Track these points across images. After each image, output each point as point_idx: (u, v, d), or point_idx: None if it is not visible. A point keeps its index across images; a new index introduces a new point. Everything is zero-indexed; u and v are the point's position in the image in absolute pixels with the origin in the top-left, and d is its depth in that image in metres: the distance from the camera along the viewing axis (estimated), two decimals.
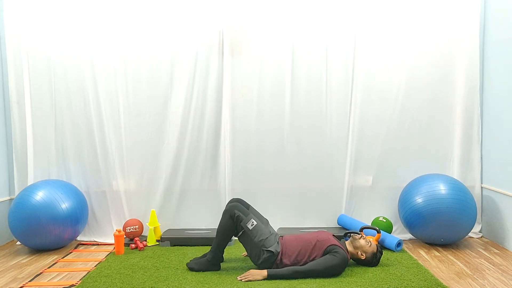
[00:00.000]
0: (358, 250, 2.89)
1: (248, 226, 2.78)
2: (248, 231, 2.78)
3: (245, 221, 2.79)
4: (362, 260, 2.89)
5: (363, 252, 2.88)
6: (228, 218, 2.83)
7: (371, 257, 2.88)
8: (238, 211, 2.82)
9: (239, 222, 2.79)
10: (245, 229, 2.78)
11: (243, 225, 2.78)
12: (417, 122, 3.73)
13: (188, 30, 3.68)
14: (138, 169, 3.77)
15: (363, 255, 2.88)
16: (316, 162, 3.75)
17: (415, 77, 3.70)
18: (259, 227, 2.80)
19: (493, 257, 3.16)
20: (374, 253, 2.89)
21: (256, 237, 2.77)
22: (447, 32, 3.67)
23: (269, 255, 2.75)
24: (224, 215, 2.86)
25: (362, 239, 2.90)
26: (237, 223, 2.80)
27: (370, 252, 2.88)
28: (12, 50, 3.68)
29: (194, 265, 2.91)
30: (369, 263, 2.90)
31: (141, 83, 3.72)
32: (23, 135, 3.72)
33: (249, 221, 2.79)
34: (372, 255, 2.88)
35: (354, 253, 2.90)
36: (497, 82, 3.52)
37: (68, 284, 2.73)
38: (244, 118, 3.74)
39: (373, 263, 2.90)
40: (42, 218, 3.23)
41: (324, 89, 3.72)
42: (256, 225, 2.79)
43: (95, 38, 3.67)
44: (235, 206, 2.85)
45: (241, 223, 2.79)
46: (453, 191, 3.27)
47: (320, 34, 3.69)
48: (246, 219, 2.80)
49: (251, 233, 2.78)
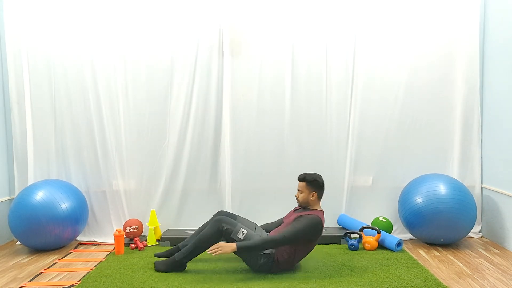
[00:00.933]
0: (310, 204, 2.88)
1: (239, 237, 2.74)
2: (239, 240, 2.75)
3: (235, 232, 2.75)
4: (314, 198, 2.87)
5: (310, 204, 2.88)
6: (215, 230, 2.77)
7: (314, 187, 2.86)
8: (226, 223, 2.77)
9: (229, 235, 2.75)
10: (236, 240, 2.74)
11: (234, 236, 2.74)
12: (417, 122, 3.73)
13: (188, 30, 3.68)
14: (138, 169, 3.77)
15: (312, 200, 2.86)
16: (316, 162, 3.75)
17: (415, 77, 3.70)
18: (250, 234, 2.78)
19: (493, 257, 3.16)
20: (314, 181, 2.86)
21: None
22: (447, 32, 3.67)
23: (266, 259, 2.75)
24: (211, 226, 2.80)
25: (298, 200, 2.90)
26: (227, 236, 2.76)
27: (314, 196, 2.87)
28: (12, 50, 3.68)
29: (161, 266, 2.88)
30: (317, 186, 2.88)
31: (141, 83, 3.72)
32: (23, 135, 3.72)
33: (239, 231, 2.76)
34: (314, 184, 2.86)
35: (310, 207, 2.89)
36: (497, 82, 3.52)
37: (68, 284, 2.73)
38: (244, 118, 3.74)
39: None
40: (42, 218, 3.23)
41: (324, 89, 3.72)
42: (246, 233, 2.77)
43: (95, 38, 3.67)
44: (222, 220, 2.79)
45: (231, 235, 2.74)
46: (453, 191, 3.27)
47: (320, 34, 3.69)
48: (235, 230, 2.76)
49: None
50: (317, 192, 2.88)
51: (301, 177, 2.90)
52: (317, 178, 2.89)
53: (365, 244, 3.32)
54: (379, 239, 3.33)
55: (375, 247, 3.30)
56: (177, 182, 3.76)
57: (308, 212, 2.84)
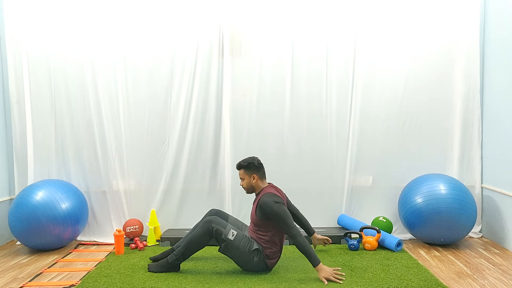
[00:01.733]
0: (255, 187, 2.88)
1: (229, 238, 2.75)
2: (230, 242, 2.76)
3: (225, 233, 2.76)
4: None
5: (255, 187, 2.89)
6: (205, 231, 2.76)
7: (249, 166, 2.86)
8: (216, 224, 2.77)
9: (220, 236, 2.75)
10: (227, 241, 2.75)
11: (224, 237, 2.75)
12: (417, 122, 3.73)
13: (188, 30, 3.68)
14: (138, 169, 3.77)
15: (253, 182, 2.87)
16: (316, 162, 3.75)
17: (415, 77, 3.70)
18: (239, 235, 2.79)
19: (493, 257, 3.15)
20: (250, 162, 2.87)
21: (241, 245, 2.77)
22: (447, 31, 3.67)
23: (258, 257, 2.78)
24: (201, 227, 2.79)
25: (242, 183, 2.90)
26: (218, 237, 2.76)
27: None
28: (12, 50, 3.68)
29: (154, 268, 2.88)
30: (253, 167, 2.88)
31: (141, 83, 3.72)
32: (23, 135, 3.73)
33: (229, 232, 2.77)
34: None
35: (258, 191, 2.89)
36: (497, 82, 3.52)
37: (68, 284, 2.73)
38: (244, 118, 3.74)
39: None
40: (42, 218, 3.23)
41: (324, 89, 3.72)
42: (237, 234, 2.78)
43: (95, 38, 3.67)
44: (212, 221, 2.79)
45: (222, 236, 2.75)
46: (453, 191, 3.27)
47: (320, 34, 3.69)
48: (225, 231, 2.77)
49: (235, 243, 2.76)
50: (256, 174, 2.87)
51: (237, 166, 2.91)
52: (251, 161, 2.87)
53: (365, 244, 3.32)
54: (379, 239, 3.33)
55: (375, 247, 3.30)
56: (177, 182, 3.76)
57: (258, 197, 2.84)
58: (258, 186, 2.90)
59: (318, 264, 2.69)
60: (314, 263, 2.69)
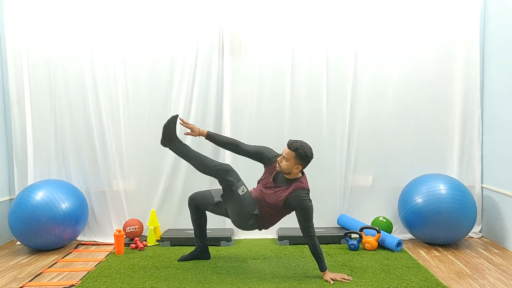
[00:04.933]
0: (289, 174, 2.77)
1: (238, 192, 2.80)
2: (237, 196, 2.79)
3: (237, 186, 2.81)
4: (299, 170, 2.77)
5: (289, 170, 2.74)
6: (223, 168, 2.82)
7: (301, 160, 2.72)
8: (231, 177, 2.81)
9: (230, 186, 2.79)
10: (235, 192, 2.79)
11: (234, 189, 2.79)
12: (417, 122, 3.73)
13: (188, 30, 3.68)
14: (138, 169, 3.77)
15: (297, 169, 2.75)
16: (316, 162, 3.73)
17: (415, 77, 3.70)
18: (247, 194, 2.84)
19: (493, 257, 3.15)
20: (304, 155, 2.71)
21: (244, 204, 2.79)
22: (448, 31, 3.67)
23: (254, 220, 2.82)
24: (218, 171, 2.82)
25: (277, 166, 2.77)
26: (227, 186, 2.79)
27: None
28: (12, 50, 3.68)
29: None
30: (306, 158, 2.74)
31: (141, 83, 3.72)
32: (23, 135, 3.72)
33: (240, 187, 2.82)
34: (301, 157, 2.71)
35: (291, 177, 2.78)
36: (497, 82, 3.52)
37: (68, 284, 2.73)
38: (244, 118, 3.74)
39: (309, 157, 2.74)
40: (42, 218, 3.23)
41: (324, 89, 3.72)
42: (246, 192, 2.83)
43: (95, 38, 3.67)
44: (230, 170, 2.84)
45: (232, 187, 2.79)
46: (453, 191, 3.27)
47: (320, 33, 3.69)
48: (237, 184, 2.81)
49: (240, 198, 2.79)
50: (303, 166, 2.76)
51: (293, 147, 2.68)
52: (308, 153, 2.71)
53: (365, 244, 3.32)
54: (379, 239, 3.33)
55: (375, 247, 3.30)
56: (177, 182, 3.76)
57: (293, 185, 2.74)
58: (295, 174, 2.80)
59: (325, 270, 2.75)
60: (323, 268, 2.74)
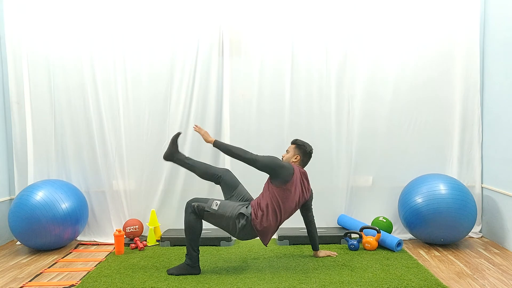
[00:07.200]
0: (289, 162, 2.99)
1: (214, 208, 2.79)
2: (215, 212, 2.78)
3: (208, 205, 2.80)
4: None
5: (288, 160, 3.03)
6: (189, 213, 2.80)
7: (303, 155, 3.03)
8: (195, 202, 2.82)
9: (203, 210, 2.79)
10: (211, 211, 2.78)
11: (208, 209, 2.79)
12: (417, 122, 3.73)
13: (188, 30, 3.68)
14: (138, 169, 3.77)
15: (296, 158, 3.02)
16: (316, 162, 3.73)
17: (415, 77, 3.70)
18: (225, 203, 2.84)
19: (493, 257, 3.15)
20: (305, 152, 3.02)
21: (226, 212, 2.79)
22: (448, 31, 3.67)
23: (244, 221, 2.77)
24: (185, 214, 2.82)
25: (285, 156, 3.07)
26: (201, 212, 2.79)
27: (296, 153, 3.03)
28: (12, 50, 3.69)
29: (174, 271, 2.87)
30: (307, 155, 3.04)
31: (141, 83, 3.72)
32: (23, 135, 3.73)
33: (212, 203, 2.82)
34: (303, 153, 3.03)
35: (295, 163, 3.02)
36: (497, 82, 3.52)
37: (68, 284, 2.73)
38: (244, 118, 3.74)
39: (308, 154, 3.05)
40: (42, 218, 3.23)
41: (324, 89, 3.72)
42: (221, 203, 2.82)
43: (95, 38, 3.67)
44: (191, 202, 2.83)
45: (205, 209, 2.79)
46: (453, 191, 3.27)
47: (320, 33, 3.69)
48: (207, 204, 2.81)
49: (219, 211, 2.79)
50: (301, 156, 3.02)
51: (293, 140, 3.10)
52: (306, 146, 3.04)
53: (365, 244, 3.32)
54: (379, 239, 3.33)
55: (375, 247, 3.30)
56: (177, 182, 3.77)
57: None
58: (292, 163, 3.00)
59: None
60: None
